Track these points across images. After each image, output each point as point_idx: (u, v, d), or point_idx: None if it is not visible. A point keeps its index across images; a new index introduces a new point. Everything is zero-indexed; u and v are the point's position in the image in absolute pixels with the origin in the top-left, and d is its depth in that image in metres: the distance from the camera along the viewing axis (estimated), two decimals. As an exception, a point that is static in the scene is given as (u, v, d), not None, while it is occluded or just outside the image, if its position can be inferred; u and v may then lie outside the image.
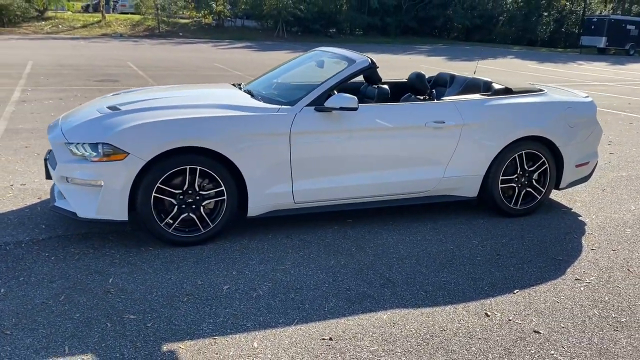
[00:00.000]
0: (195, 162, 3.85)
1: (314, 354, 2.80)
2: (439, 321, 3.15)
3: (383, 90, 5.02)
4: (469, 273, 3.77)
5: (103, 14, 32.85)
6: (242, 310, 3.18)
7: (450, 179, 4.58)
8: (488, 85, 4.99)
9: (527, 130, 4.65)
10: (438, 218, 4.78)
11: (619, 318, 3.26)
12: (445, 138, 4.49)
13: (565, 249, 4.23)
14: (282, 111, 4.10)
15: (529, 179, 4.83)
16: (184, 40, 29.78)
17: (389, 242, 4.24)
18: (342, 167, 4.25)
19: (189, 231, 3.99)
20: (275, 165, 4.06)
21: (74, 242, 4.01)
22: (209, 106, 4.09)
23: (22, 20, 29.98)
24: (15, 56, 17.56)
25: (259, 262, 3.80)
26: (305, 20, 36.34)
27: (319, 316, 3.15)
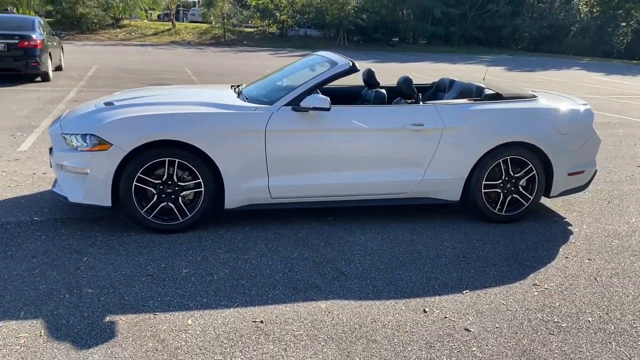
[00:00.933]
0: (174, 154, 4.13)
1: (239, 333, 2.97)
2: (374, 313, 3.25)
3: (380, 93, 5.14)
4: (426, 272, 3.83)
5: (173, 23, 34.44)
6: (191, 291, 3.41)
7: (430, 181, 4.63)
8: (480, 90, 5.00)
9: (511, 136, 4.63)
10: (420, 220, 4.83)
11: (560, 323, 3.23)
12: (424, 141, 4.55)
13: (537, 256, 4.18)
14: (260, 110, 4.31)
15: (515, 185, 4.79)
16: (247, 48, 30.71)
17: (360, 239, 4.35)
18: (318, 165, 4.41)
19: (167, 219, 4.27)
20: (251, 160, 4.27)
21: (66, 224, 4.38)
22: (192, 103, 4.37)
23: (99, 28, 31.94)
24: (84, 60, 18.79)
25: (226, 251, 4.02)
26: (366, 29, 36.55)
27: (260, 302, 3.32)
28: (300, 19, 36.17)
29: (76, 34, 30.84)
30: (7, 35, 12.15)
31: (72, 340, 2.84)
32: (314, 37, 37.65)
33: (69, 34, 30.85)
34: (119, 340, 2.86)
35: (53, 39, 14.22)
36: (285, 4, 34.96)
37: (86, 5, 30.10)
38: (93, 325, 2.98)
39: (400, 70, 20.84)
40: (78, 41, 28.80)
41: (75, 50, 22.76)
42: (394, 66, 23.15)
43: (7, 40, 12.08)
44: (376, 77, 5.46)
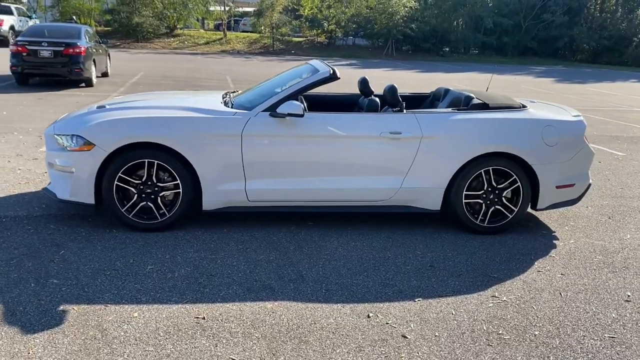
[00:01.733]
0: (153, 156, 4.32)
1: (178, 328, 3.09)
2: (316, 316, 3.30)
3: (372, 102, 5.19)
4: (385, 279, 3.84)
5: (224, 32, 35.37)
6: (148, 286, 3.56)
7: (409, 190, 4.63)
8: (469, 100, 4.97)
9: (493, 146, 4.58)
10: (400, 228, 4.83)
11: (504, 335, 3.19)
12: (402, 149, 4.56)
13: (508, 268, 4.11)
14: (238, 115, 4.45)
15: (498, 197, 4.72)
16: (294, 57, 31.12)
17: (332, 245, 4.40)
18: (295, 171, 4.50)
19: (147, 218, 4.46)
20: (228, 164, 4.41)
21: (57, 220, 4.65)
22: (175, 108, 4.56)
23: (154, 37, 33.18)
24: (132, 67, 19.60)
25: (195, 250, 4.16)
26: (416, 39, 36.36)
27: (209, 299, 3.43)
28: (349, 28, 36.37)
29: (132, 43, 32.16)
30: (54, 43, 12.88)
31: (22, 325, 3.04)
32: (362, 46, 37.79)
33: (125, 42, 32.26)
34: (64, 327, 3.04)
35: (99, 46, 14.94)
36: (334, 14, 35.25)
37: (142, 15, 31.35)
38: (45, 313, 3.17)
39: (442, 81, 20.64)
40: (133, 49, 30.03)
41: (127, 58, 23.75)
42: (436, 76, 22.92)
43: (53, 48, 12.80)
44: (370, 85, 5.51)
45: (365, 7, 36.40)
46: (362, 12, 36.26)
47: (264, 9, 34.03)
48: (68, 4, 32.77)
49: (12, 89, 12.46)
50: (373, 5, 35.94)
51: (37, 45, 12.77)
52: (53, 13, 33.76)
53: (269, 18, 33.59)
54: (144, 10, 31.41)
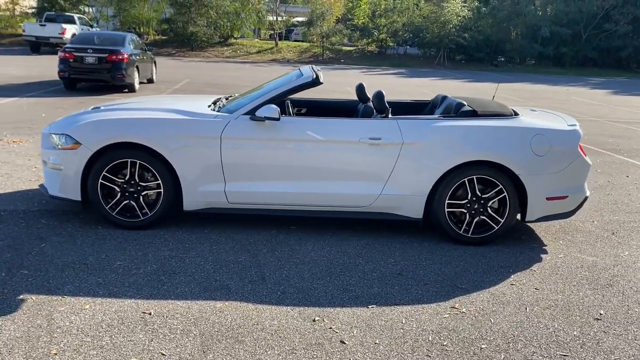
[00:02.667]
0: (136, 156, 4.47)
1: (122, 321, 3.18)
2: (262, 317, 3.31)
3: (367, 108, 5.19)
4: (346, 285, 3.80)
5: (276, 41, 35.94)
6: (109, 281, 3.67)
7: (390, 196, 4.57)
8: (459, 107, 4.86)
9: (476, 154, 4.46)
10: (382, 236, 4.76)
11: (448, 347, 3.09)
12: (382, 155, 4.51)
13: (480, 280, 3.98)
14: (218, 118, 4.53)
15: (484, 207, 4.58)
16: (342, 66, 31.27)
17: (306, 249, 4.39)
18: (273, 174, 4.53)
19: (130, 216, 4.60)
20: (207, 165, 4.49)
21: (50, 215, 4.86)
22: (161, 110, 4.70)
23: (208, 45, 34.12)
24: (179, 74, 20.22)
25: (169, 249, 4.26)
26: (469, 48, 35.71)
27: (162, 296, 3.51)
28: (400, 37, 36.19)
29: (187, 51, 33.19)
30: (99, 50, 13.51)
31: (-22, 311, 3.20)
32: (413, 55, 37.48)
33: (180, 50, 33.34)
34: (15, 315, 3.18)
35: (144, 54, 15.52)
36: (385, 23, 35.18)
37: (197, 24, 32.32)
38: (4, 302, 3.33)
39: (489, 91, 20.18)
40: (186, 57, 30.99)
41: (177, 66, 24.53)
42: (485, 86, 22.42)
43: (98, 55, 13.42)
44: (366, 92, 5.48)
45: (417, 16, 36.13)
46: (415, 21, 35.99)
47: (315, 19, 34.38)
48: (128, 14, 34.25)
49: (59, 93, 13.13)
50: (425, 14, 35.63)
51: (83, 52, 13.41)
52: (114, 23, 35.36)
53: (319, 27, 33.88)
54: (199, 20, 32.36)
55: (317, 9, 34.09)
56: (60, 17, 27.95)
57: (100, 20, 35.97)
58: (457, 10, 34.00)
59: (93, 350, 2.88)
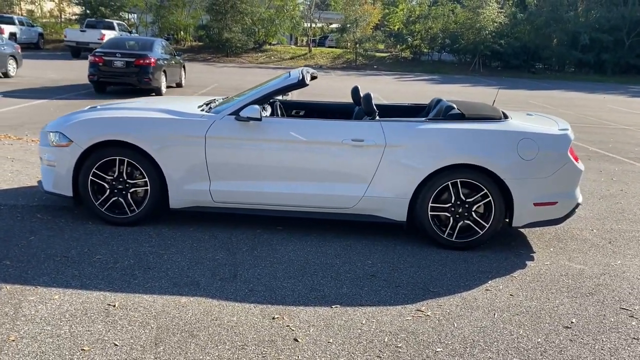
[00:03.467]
0: (124, 154, 4.59)
1: (85, 312, 3.27)
2: (222, 313, 3.34)
3: (360, 110, 5.20)
4: (316, 285, 3.80)
5: (309, 48, 36.19)
6: (85, 273, 3.78)
7: (373, 198, 4.55)
8: (448, 109, 4.81)
9: (460, 157, 4.40)
10: (366, 238, 4.74)
11: (402, 349, 3.06)
12: (364, 157, 4.50)
13: (454, 285, 3.92)
14: (204, 118, 4.61)
15: (468, 211, 4.52)
16: (374, 72, 31.21)
17: (286, 249, 4.41)
18: (257, 174, 4.58)
19: (118, 213, 4.72)
20: (192, 164, 4.58)
21: (46, 210, 5.03)
22: (150, 110, 4.81)
23: (242, 52, 34.62)
24: (208, 79, 20.60)
25: (150, 245, 4.35)
26: (505, 55, 35.13)
27: (132, 290, 3.58)
28: (434, 43, 35.89)
29: (222, 57, 33.76)
30: (127, 54, 13.90)
31: (-47, 297, 3.34)
32: (447, 62, 37.11)
33: (215, 56, 33.94)
34: (-14, 303, 3.31)
35: (173, 58, 15.87)
36: (419, 29, 34.96)
37: (232, 31, 32.85)
38: (-20, 289, 3.47)
39: (518, 98, 19.81)
40: (220, 63, 31.52)
41: (209, 71, 24.99)
42: (519, 93, 22.01)
43: (126, 59, 13.81)
44: (360, 94, 5.48)
45: (452, 22, 35.78)
46: (449, 27, 35.66)
47: (348, 25, 34.46)
48: (167, 20, 35.09)
49: (89, 96, 13.55)
50: (461, 21, 35.25)
51: (112, 56, 13.82)
52: (153, 29, 36.27)
53: (352, 33, 33.93)
54: (234, 27, 32.88)
55: (351, 15, 34.14)
56: (100, 24, 28.87)
57: (140, 27, 36.96)
58: (493, 16, 33.54)
59: (50, 339, 2.97)
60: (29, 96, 12.93)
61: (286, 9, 34.87)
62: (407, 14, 36.48)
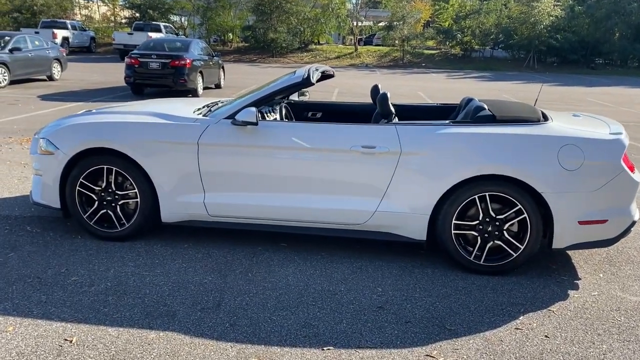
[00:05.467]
0: (112, 163, 4.17)
1: (35, 349, 2.84)
2: (190, 355, 2.84)
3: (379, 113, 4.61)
4: (311, 319, 3.25)
5: (356, 46, 35.55)
6: (53, 299, 3.36)
7: (387, 214, 3.95)
8: (477, 110, 4.15)
9: (488, 166, 3.74)
10: (380, 259, 4.15)
11: (398, 411, 2.46)
12: (376, 166, 3.91)
13: (478, 321, 3.28)
14: (197, 122, 4.13)
15: (499, 229, 3.85)
16: (422, 70, 30.26)
17: (285, 272, 3.88)
18: (257, 185, 4.07)
19: (107, 227, 4.31)
20: (185, 174, 4.11)
21: (38, 222, 4.69)
22: (141, 113, 4.37)
23: (288, 52, 34.35)
24: (249, 80, 20.31)
25: (135, 265, 3.90)
26: (562, 50, 33.37)
27: (99, 321, 3.14)
28: (486, 39, 34.53)
29: (267, 57, 33.59)
30: (162, 56, 13.72)
31: None
32: (499, 58, 35.65)
33: (261, 57, 33.81)
34: None
35: (211, 59, 15.62)
36: (470, 25, 33.70)
37: (277, 31, 32.62)
38: None
39: (575, 95, 18.56)
40: (265, 63, 31.33)
41: (254, 72, 24.78)
42: (575, 90, 20.69)
43: (162, 60, 13.64)
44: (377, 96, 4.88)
45: (505, 16, 34.33)
46: (502, 22, 34.22)
47: (395, 22, 33.62)
48: (214, 22, 35.23)
49: (125, 98, 13.44)
50: (514, 15, 33.76)
51: (147, 57, 13.68)
52: (201, 31, 36.53)
53: (399, 31, 33.07)
54: (280, 27, 32.64)
55: (398, 12, 33.27)
56: (148, 26, 29.22)
57: (187, 29, 37.32)
58: (549, 9, 31.89)
59: (-17, 384, 2.54)
60: (67, 99, 12.94)
61: (332, 7, 34.32)
62: (458, 10, 35.26)
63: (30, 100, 12.45)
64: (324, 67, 4.82)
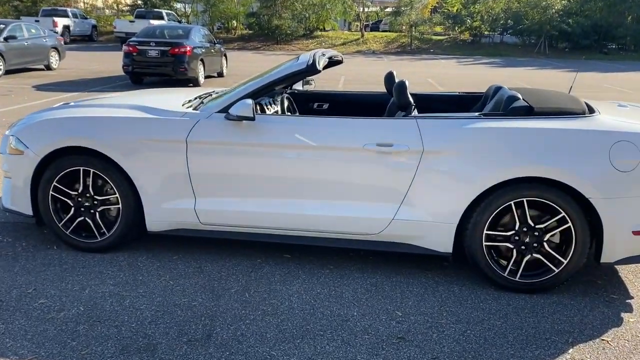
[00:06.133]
0: (89, 164, 3.63)
1: (-20, 400, 2.31)
2: None
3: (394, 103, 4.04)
4: (319, 353, 2.71)
5: (362, 33, 34.76)
6: (12, 329, 2.85)
7: (406, 222, 3.39)
8: (511, 101, 3.56)
9: (526, 167, 3.17)
10: (398, 272, 3.60)
11: None
12: (394, 167, 3.34)
13: (518, 355, 2.72)
14: (187, 117, 3.58)
15: (538, 241, 3.29)
16: (430, 56, 29.51)
17: (289, 291, 3.33)
18: (255, 189, 3.52)
19: (86, 236, 3.78)
20: (172, 176, 3.56)
21: (12, 230, 4.17)
22: (123, 107, 3.83)
23: (293, 39, 33.60)
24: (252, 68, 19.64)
25: (115, 283, 3.37)
26: (573, 35, 32.47)
27: (63, 358, 2.60)
28: (495, 24, 33.67)
29: (272, 45, 32.88)
30: (161, 43, 13.13)
31: None
32: (510, 44, 34.79)
33: (265, 44, 33.11)
34: None
35: (212, 47, 15.01)
36: (480, 10, 32.83)
37: (281, 17, 31.88)
38: None
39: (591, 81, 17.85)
40: (270, 51, 30.64)
41: (258, 59, 24.16)
42: (590, 76, 19.95)
43: (160, 48, 13.05)
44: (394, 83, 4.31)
45: (515, 1, 33.42)
46: (512, 6, 33.32)
47: (402, 7, 32.80)
48: (217, 9, 34.47)
49: (123, 88, 12.91)
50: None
51: (146, 45, 13.10)
52: (204, 18, 35.81)
53: (407, 16, 32.26)
54: (284, 13, 31.91)
55: (405, -4, 32.47)
56: (150, 14, 28.59)
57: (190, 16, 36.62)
58: (560, -7, 30.99)
59: None
60: (63, 89, 12.41)
61: (338, -8, 33.54)
62: (466, -6, 34.41)
63: (24, 91, 11.92)
64: (331, 52, 4.24)
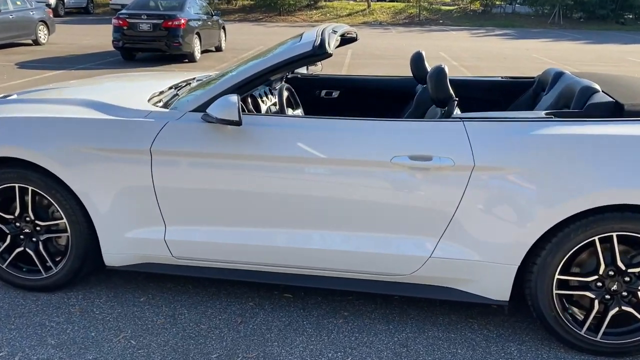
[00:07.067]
0: (26, 179, 2.74)
1: None
2: None
3: (425, 93, 3.13)
4: None
5: (369, 3, 33.42)
6: None
7: (447, 261, 2.51)
8: (587, 95, 2.63)
9: (619, 192, 2.27)
10: (436, 326, 2.73)
11: None
12: (433, 188, 2.44)
13: None
14: (151, 117, 2.66)
15: (631, 290, 2.40)
16: (440, 27, 28.28)
17: (292, 354, 2.47)
18: (242, 214, 2.63)
19: (27, 271, 2.91)
20: (134, 197, 2.68)
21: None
22: (72, 103, 2.93)
23: (296, 9, 32.32)
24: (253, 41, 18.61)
25: (58, 340, 2.53)
26: (589, 5, 31.14)
27: None
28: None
29: (274, 16, 31.63)
30: (154, 16, 12.13)
31: None
32: (522, 14, 33.41)
33: (267, 16, 31.86)
34: None
35: (210, 19, 13.99)
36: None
37: (284, -14, 30.63)
38: None
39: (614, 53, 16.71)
40: (272, 23, 29.44)
41: (260, 32, 23.01)
42: (609, 48, 18.80)
43: (152, 21, 12.07)
44: (426, 65, 3.38)
45: (529, -32, 31.99)
46: (526, -25, 31.90)
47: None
48: (218, -22, 33.13)
49: (113, 65, 11.99)
50: (539, -33, 31.42)
51: (137, 18, 12.13)
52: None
53: (416, -15, 30.93)
54: (285, -17, 30.63)
55: (414, -36, 31.05)
56: (146, -16, 27.30)
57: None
58: (577, -41, 29.52)
59: None
60: (48, 66, 11.46)
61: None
62: (478, -38, 32.94)
63: (6, 69, 10.99)
64: (343, 27, 3.29)
